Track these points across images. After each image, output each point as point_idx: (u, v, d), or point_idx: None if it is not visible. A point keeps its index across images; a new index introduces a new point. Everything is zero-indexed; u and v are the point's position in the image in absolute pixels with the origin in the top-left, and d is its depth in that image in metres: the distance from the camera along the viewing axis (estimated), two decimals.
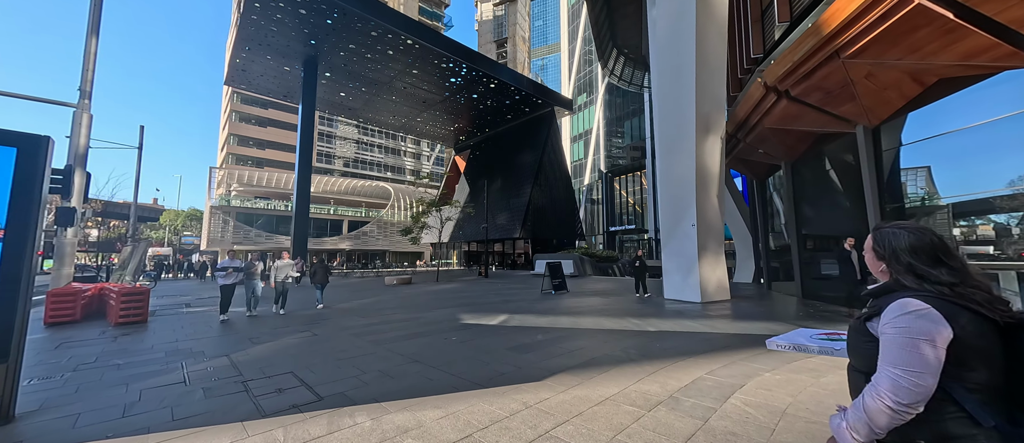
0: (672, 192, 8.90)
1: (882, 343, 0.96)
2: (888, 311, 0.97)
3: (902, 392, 0.88)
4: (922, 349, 0.90)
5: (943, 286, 0.96)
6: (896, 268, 1.05)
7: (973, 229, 5.69)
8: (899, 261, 1.05)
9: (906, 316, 0.94)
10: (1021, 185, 4.84)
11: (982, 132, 5.18)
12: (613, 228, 41.87)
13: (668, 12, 8.19)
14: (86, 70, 8.34)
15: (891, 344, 0.93)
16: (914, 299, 0.95)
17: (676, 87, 8.26)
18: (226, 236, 36.16)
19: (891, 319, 0.95)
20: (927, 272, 0.99)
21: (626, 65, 27.47)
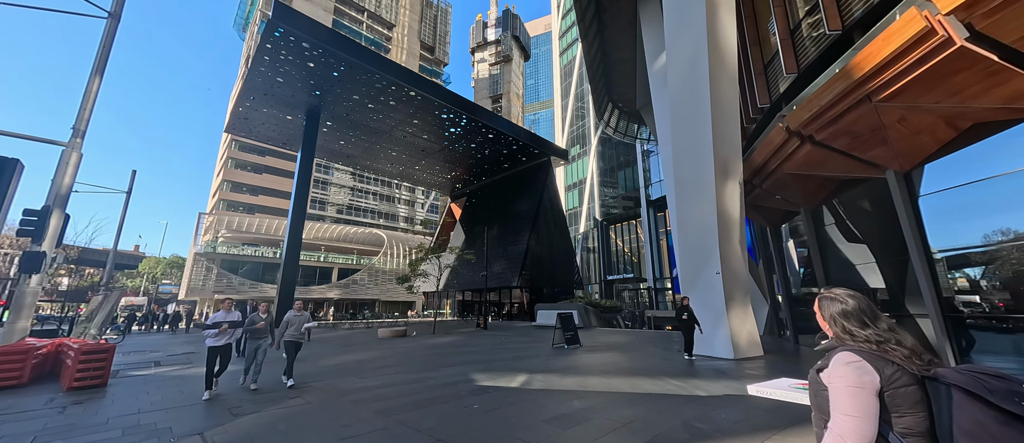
0: (693, 238, 8.54)
1: (830, 391, 1.17)
2: (832, 363, 1.20)
3: (850, 434, 1.07)
4: (859, 395, 1.11)
5: (871, 343, 1.19)
6: (835, 329, 1.30)
7: None
8: (836, 323, 1.30)
9: (844, 367, 1.16)
10: None
11: None
12: (611, 277, 41.21)
13: (680, 61, 8.37)
14: (84, 109, 7.98)
15: (837, 392, 1.16)
16: (850, 353, 1.19)
17: (692, 133, 8.22)
18: (208, 284, 34.38)
19: (834, 370, 1.18)
20: (857, 332, 1.23)
21: (620, 118, 28.61)
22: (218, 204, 46.90)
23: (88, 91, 8.04)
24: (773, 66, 9.56)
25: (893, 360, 1.13)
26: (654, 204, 38.76)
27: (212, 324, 5.90)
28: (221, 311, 6.20)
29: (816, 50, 7.80)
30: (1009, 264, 5.37)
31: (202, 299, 36.27)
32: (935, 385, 1.11)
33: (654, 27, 14.54)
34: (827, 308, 1.33)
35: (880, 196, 7.51)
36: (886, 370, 1.12)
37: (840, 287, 1.38)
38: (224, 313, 6.18)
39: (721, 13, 7.85)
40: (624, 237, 43.96)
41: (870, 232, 8.10)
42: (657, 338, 13.42)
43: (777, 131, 7.02)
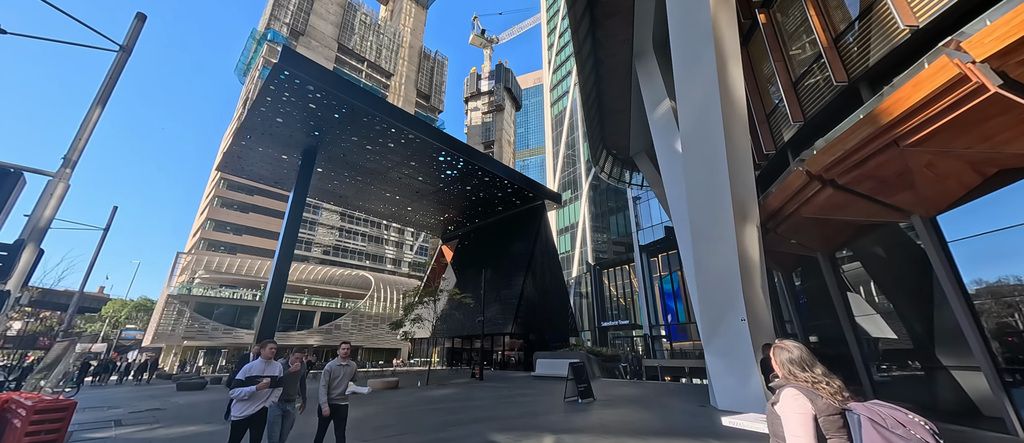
0: (713, 283, 8.26)
1: (782, 419, 1.66)
2: (781, 398, 1.70)
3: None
4: (802, 419, 1.58)
5: (807, 383, 1.70)
6: (783, 371, 1.81)
7: None
8: (784, 367, 1.80)
9: (791, 399, 1.64)
10: None
11: None
12: (605, 323, 40.19)
13: (692, 108, 8.59)
14: (79, 139, 7.56)
15: (786, 418, 1.63)
16: (793, 388, 1.69)
17: (707, 176, 8.24)
18: (178, 330, 31.94)
19: (782, 402, 1.67)
20: (799, 374, 1.74)
21: (614, 164, 29.44)
22: (199, 243, 45.05)
23: (87, 121, 7.67)
24: (776, 115, 9.93)
25: (822, 395, 1.61)
26: (646, 249, 38.98)
27: (245, 378, 4.12)
28: (258, 360, 4.44)
29: (822, 100, 8.12)
30: None
31: (169, 346, 33.52)
32: (850, 414, 1.55)
33: (652, 79, 15.25)
34: (778, 356, 1.83)
35: (901, 240, 7.49)
36: (817, 402, 1.59)
37: (790, 339, 1.89)
38: (262, 363, 4.37)
39: (730, 64, 8.20)
40: (617, 282, 43.58)
41: (892, 278, 7.98)
42: (669, 391, 12.67)
43: (796, 175, 7.05)
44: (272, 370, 4.43)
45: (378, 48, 69.49)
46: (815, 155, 6.48)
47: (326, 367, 4.90)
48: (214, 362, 34.91)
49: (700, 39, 8.27)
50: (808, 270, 10.15)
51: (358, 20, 67.67)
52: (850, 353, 8.40)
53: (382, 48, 70.06)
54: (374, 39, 69.30)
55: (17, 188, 1.84)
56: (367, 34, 68.42)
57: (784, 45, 9.36)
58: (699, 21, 8.33)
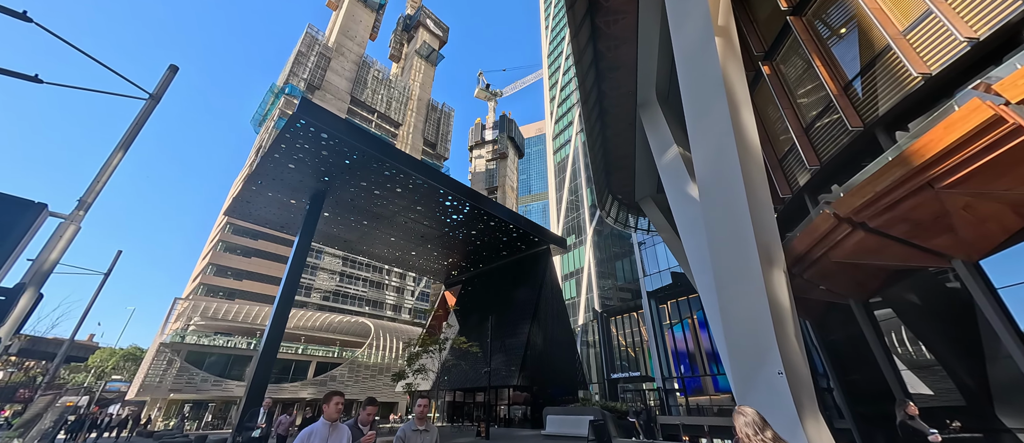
0: (742, 333, 7.78)
1: None
2: None
3: None
4: None
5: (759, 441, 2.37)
6: (739, 434, 2.46)
7: None
8: (740, 430, 2.47)
9: None
10: None
11: None
12: (614, 375, 38.16)
13: (707, 153, 8.65)
14: (97, 182, 7.55)
15: None
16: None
17: (728, 221, 8.08)
18: (165, 381, 30.36)
19: None
20: (752, 436, 2.39)
21: (620, 209, 29.56)
22: (198, 289, 44.30)
23: (107, 164, 7.71)
24: (789, 160, 9.99)
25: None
26: (654, 295, 38.02)
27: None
28: (319, 423, 3.36)
29: (837, 145, 8.17)
30: None
31: (153, 399, 31.68)
32: None
33: (658, 127, 15.68)
34: (737, 419, 2.49)
35: (942, 287, 7.13)
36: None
37: (749, 406, 2.60)
38: (325, 427, 3.32)
39: (742, 111, 8.37)
40: (625, 330, 42.04)
41: (934, 328, 7.52)
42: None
43: (823, 218, 6.88)
44: (339, 438, 3.31)
45: (388, 100, 73.20)
46: (843, 197, 6.35)
47: (399, 434, 3.80)
48: (200, 417, 32.78)
49: (711, 89, 8.52)
50: (840, 318, 9.65)
51: (371, 76, 71.96)
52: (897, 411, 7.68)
53: (392, 100, 73.79)
54: (385, 92, 73.22)
55: (38, 222, 1.65)
56: (378, 88, 72.41)
57: (791, 93, 9.65)
58: (708, 72, 8.63)
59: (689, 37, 9.06)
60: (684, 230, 11.77)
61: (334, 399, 3.50)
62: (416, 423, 4.04)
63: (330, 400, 3.48)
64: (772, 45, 10.10)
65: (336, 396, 3.52)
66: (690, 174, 12.68)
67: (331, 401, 3.48)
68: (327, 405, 3.50)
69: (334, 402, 3.48)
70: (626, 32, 15.02)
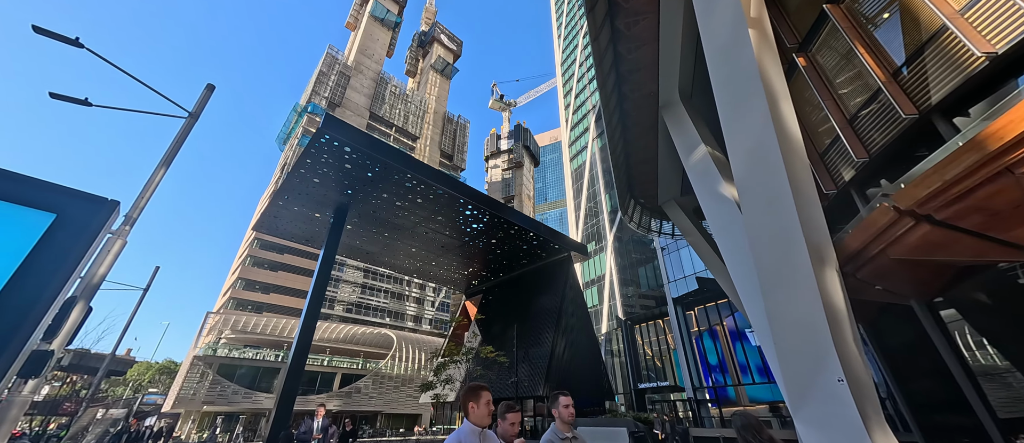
0: (794, 338, 7.30)
1: None
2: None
3: None
4: None
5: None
6: (737, 435, 2.53)
7: None
8: (737, 432, 2.53)
9: None
10: None
11: None
12: (642, 385, 36.96)
13: (744, 149, 8.28)
14: (142, 197, 7.82)
15: None
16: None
17: (773, 219, 7.67)
18: (199, 394, 31.22)
19: None
20: (750, 439, 2.46)
21: (643, 213, 28.95)
22: (228, 303, 45.74)
23: (151, 180, 7.98)
24: (831, 154, 9.49)
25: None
26: (680, 302, 36.89)
27: None
28: (465, 429, 2.51)
29: (887, 135, 7.68)
30: None
31: (188, 412, 32.59)
32: None
33: (683, 128, 15.30)
34: (735, 422, 2.72)
35: (1016, 284, 6.52)
36: None
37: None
38: (472, 435, 2.49)
39: (781, 103, 8.00)
40: (649, 338, 40.84)
41: (1011, 330, 6.85)
42: None
43: (881, 212, 6.42)
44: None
45: (405, 114, 74.83)
46: (905, 188, 5.90)
47: (546, 437, 2.99)
48: (231, 429, 33.49)
49: (746, 82, 8.20)
50: (898, 321, 8.97)
51: (388, 91, 73.86)
52: (975, 420, 7.01)
53: (409, 114, 75.39)
54: (402, 107, 74.93)
55: (111, 220, 1.60)
56: (396, 103, 74.19)
57: (831, 84, 9.20)
58: (743, 65, 8.32)
59: (720, 31, 8.78)
60: (718, 232, 11.30)
61: (484, 396, 2.50)
62: (561, 429, 3.04)
63: (479, 398, 2.49)
64: (807, 36, 9.70)
65: (484, 393, 2.53)
66: (722, 174, 12.25)
67: (481, 400, 2.51)
68: (476, 405, 2.52)
69: (485, 401, 2.50)
70: (647, 33, 14.81)
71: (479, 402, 2.53)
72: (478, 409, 2.52)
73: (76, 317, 6.38)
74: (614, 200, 49.08)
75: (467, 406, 2.54)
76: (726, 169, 12.74)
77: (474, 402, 2.53)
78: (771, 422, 26.84)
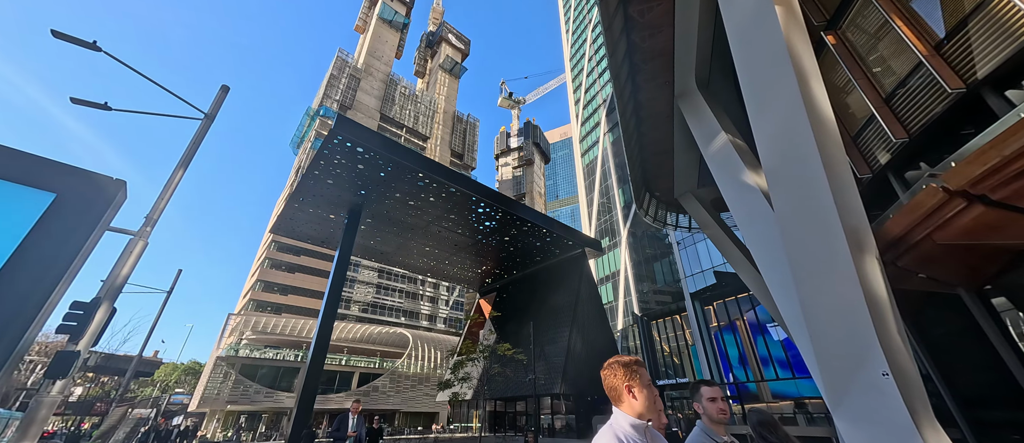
0: (832, 330, 6.90)
1: None
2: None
3: None
4: None
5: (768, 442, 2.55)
6: (752, 432, 2.52)
7: None
8: (753, 429, 2.52)
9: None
10: None
11: None
12: (660, 382, 36.36)
13: (773, 133, 7.88)
14: (162, 199, 7.87)
15: None
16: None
17: (806, 205, 7.27)
18: (222, 393, 31.98)
19: None
20: (766, 435, 2.49)
21: (659, 207, 28.37)
22: (248, 304, 46.78)
23: (170, 182, 8.03)
24: (865, 136, 9.00)
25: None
26: (698, 296, 36.14)
27: None
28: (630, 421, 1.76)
29: (930, 113, 7.21)
30: None
31: (212, 411, 33.44)
32: None
33: (701, 116, 14.83)
34: (751, 419, 2.69)
35: None
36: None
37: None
38: (637, 432, 1.73)
39: (812, 83, 7.58)
40: (667, 334, 40.14)
41: None
42: None
43: (928, 193, 5.99)
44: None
45: (415, 115, 75.23)
46: (956, 167, 5.47)
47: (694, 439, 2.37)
48: (254, 428, 34.25)
49: (774, 62, 7.79)
50: (943, 311, 8.44)
51: (398, 92, 74.35)
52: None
53: (419, 115, 75.77)
54: (412, 108, 75.35)
55: (118, 201, 1.47)
56: (406, 104, 74.64)
57: (863, 62, 8.70)
58: (769, 45, 7.91)
59: (744, 9, 8.38)
60: (743, 222, 10.86)
61: (645, 376, 1.90)
62: (714, 429, 2.31)
63: (640, 378, 1.85)
64: (836, 12, 9.20)
65: (643, 371, 1.91)
66: (745, 162, 11.78)
67: (643, 381, 1.87)
68: (637, 389, 1.87)
69: (647, 383, 1.86)
70: (661, 19, 14.36)
71: (640, 384, 1.81)
72: (640, 395, 1.72)
73: (101, 318, 6.43)
74: (627, 195, 48.40)
75: (623, 391, 1.73)
76: (749, 157, 12.27)
77: (635, 384, 1.75)
78: (797, 418, 26.08)
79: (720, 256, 35.35)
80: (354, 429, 4.86)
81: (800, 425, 24.92)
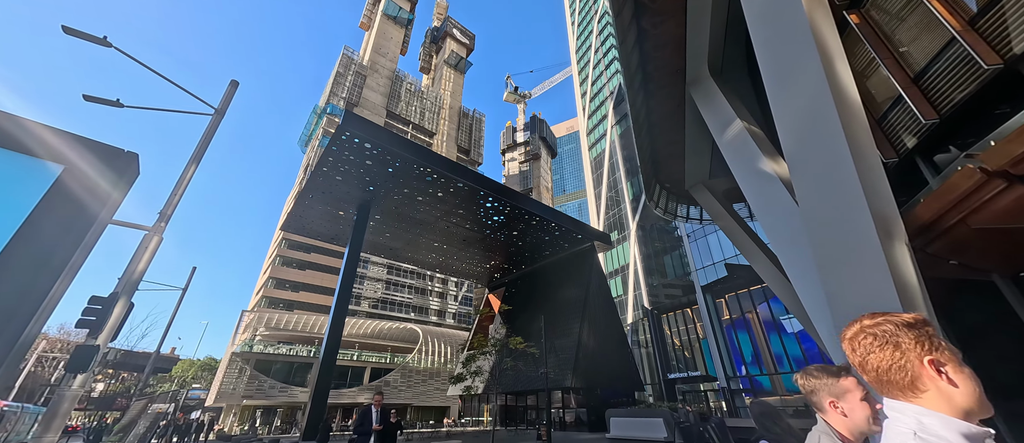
0: None
1: None
2: None
3: None
4: None
5: (772, 434, 2.70)
6: (755, 423, 2.86)
7: None
8: (756, 421, 2.90)
9: None
10: None
11: None
12: (672, 375, 36.13)
13: (796, 116, 7.60)
14: (175, 195, 7.88)
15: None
16: (763, 440, 2.57)
17: (831, 191, 7.01)
18: (238, 388, 32.57)
19: None
20: (769, 426, 2.77)
21: (669, 199, 27.97)
22: (261, 301, 47.48)
23: (182, 177, 8.03)
24: (890, 119, 8.65)
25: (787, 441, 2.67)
26: (710, 289, 35.71)
27: None
28: None
29: (964, 90, 6.87)
30: None
31: (229, 406, 34.09)
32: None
33: (714, 104, 14.48)
34: (751, 411, 2.89)
35: None
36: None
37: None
38: None
39: (837, 63, 7.28)
40: (677, 328, 39.81)
41: None
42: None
43: (964, 174, 5.70)
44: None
45: (421, 111, 75.22)
46: (997, 146, 5.19)
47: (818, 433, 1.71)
48: (270, 422, 34.86)
49: (796, 42, 7.50)
50: (976, 299, 8.12)
51: (404, 89, 74.36)
52: None
53: (425, 111, 75.75)
54: (418, 104, 75.33)
55: (131, 174, 1.37)
56: (412, 100, 74.64)
57: (889, 41, 8.34)
58: (792, 24, 7.62)
59: None
60: (761, 211, 10.58)
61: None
62: None
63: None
64: None
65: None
66: (761, 149, 11.47)
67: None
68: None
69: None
70: (673, 4, 13.98)
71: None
72: (960, 376, 1.05)
73: (119, 313, 6.45)
74: (636, 188, 47.85)
75: (921, 372, 1.07)
76: (766, 144, 11.94)
77: (943, 358, 1.08)
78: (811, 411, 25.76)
79: (731, 248, 34.83)
80: (378, 422, 4.83)
81: (816, 419, 24.59)
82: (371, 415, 4.96)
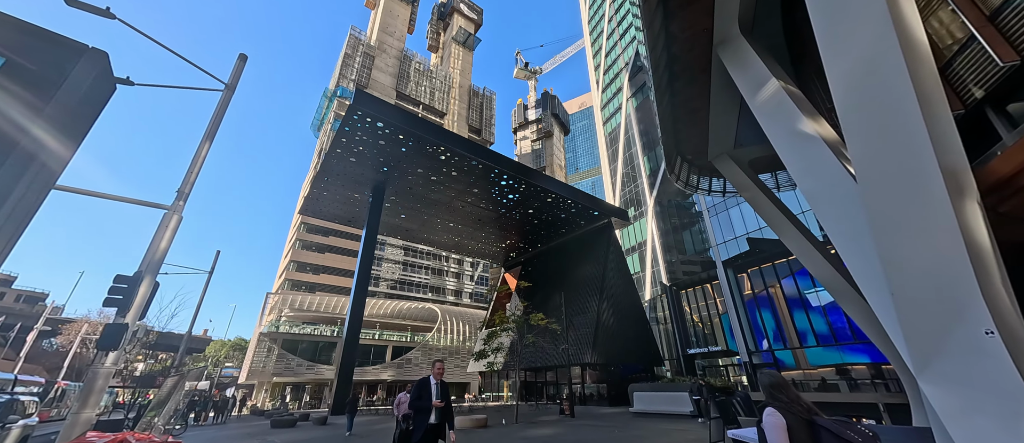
0: (922, 286, 6.12)
1: (765, 430, 2.43)
2: (764, 415, 2.47)
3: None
4: (776, 433, 2.33)
5: (781, 403, 2.47)
6: (764, 393, 2.62)
7: None
8: (764, 390, 2.62)
9: (767, 417, 2.42)
10: None
11: None
12: (691, 350, 35.89)
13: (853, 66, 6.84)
14: (190, 173, 7.72)
15: (767, 429, 2.41)
16: (770, 408, 2.47)
17: (895, 142, 6.33)
18: (268, 366, 33.91)
19: (765, 419, 2.45)
20: (775, 396, 2.53)
21: (690, 171, 26.99)
22: (284, 284, 48.87)
23: (197, 155, 7.85)
24: (956, 67, 7.76)
25: (793, 412, 2.41)
26: (731, 264, 34.84)
27: None
28: None
29: None
30: None
31: (260, 383, 35.65)
32: (815, 426, 2.35)
33: (746, 64, 13.47)
34: (759, 381, 2.80)
35: None
36: (788, 418, 2.38)
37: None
38: None
39: (901, 1, 6.43)
40: (696, 303, 39.25)
41: None
42: None
43: None
44: None
45: (431, 91, 74.13)
46: None
47: None
48: (299, 398, 36.38)
49: None
50: None
51: (413, 68, 73.15)
52: None
53: (435, 90, 74.62)
54: (427, 84, 74.19)
55: (99, 78, 1.05)
56: (421, 80, 73.51)
57: None
58: None
59: None
60: (801, 174, 9.86)
61: None
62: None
63: None
64: None
65: None
66: (801, 108, 10.62)
67: None
68: None
69: None
70: None
71: None
72: None
73: (144, 291, 6.39)
74: (653, 162, 46.44)
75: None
76: (805, 104, 11.07)
77: None
78: (838, 386, 25.19)
79: (754, 222, 33.68)
80: (438, 397, 3.96)
81: (843, 391, 24.04)
82: (430, 387, 4.06)
